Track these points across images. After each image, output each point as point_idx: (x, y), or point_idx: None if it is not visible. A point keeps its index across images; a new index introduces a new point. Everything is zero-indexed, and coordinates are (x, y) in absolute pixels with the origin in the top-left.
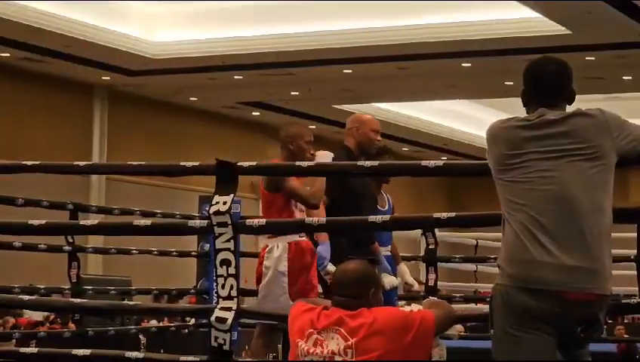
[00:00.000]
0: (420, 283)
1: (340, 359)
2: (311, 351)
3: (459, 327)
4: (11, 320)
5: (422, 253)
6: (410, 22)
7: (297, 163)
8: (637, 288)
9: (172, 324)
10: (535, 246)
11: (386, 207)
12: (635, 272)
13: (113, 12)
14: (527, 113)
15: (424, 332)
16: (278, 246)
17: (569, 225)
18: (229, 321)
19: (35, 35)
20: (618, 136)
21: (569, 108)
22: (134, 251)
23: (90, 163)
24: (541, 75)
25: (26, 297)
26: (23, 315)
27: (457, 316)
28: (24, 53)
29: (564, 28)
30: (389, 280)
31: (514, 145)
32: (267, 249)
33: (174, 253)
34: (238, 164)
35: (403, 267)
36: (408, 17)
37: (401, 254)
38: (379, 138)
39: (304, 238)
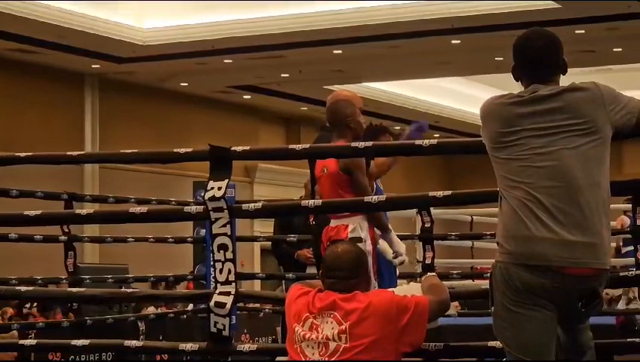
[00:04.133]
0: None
1: (334, 344)
2: (307, 336)
3: (455, 304)
4: (10, 311)
5: (418, 232)
6: (398, 0)
7: (291, 146)
8: None
9: (170, 311)
10: (534, 223)
11: (381, 187)
12: None
13: (101, 0)
14: (522, 88)
15: (418, 319)
16: (361, 227)
17: (567, 200)
18: (228, 306)
19: (23, 26)
20: (613, 109)
21: (564, 80)
22: (130, 239)
23: (83, 152)
24: (530, 50)
25: (23, 288)
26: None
27: (449, 304)
28: (13, 44)
29: (553, 2)
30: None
31: (508, 123)
32: (350, 228)
33: (170, 240)
34: (232, 148)
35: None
36: None
37: (397, 233)
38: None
39: None
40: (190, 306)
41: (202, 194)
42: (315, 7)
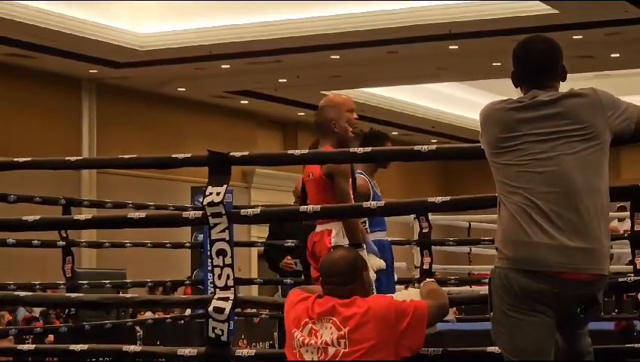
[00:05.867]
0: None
1: (334, 349)
2: (306, 341)
3: (453, 310)
4: (7, 316)
5: (416, 237)
6: (396, 6)
7: (290, 152)
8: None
9: (168, 316)
10: (533, 228)
11: (378, 192)
12: None
13: (98, 5)
14: (521, 94)
15: (417, 323)
16: (344, 232)
17: (566, 206)
18: (227, 311)
19: (20, 30)
20: (612, 115)
21: (562, 86)
22: (128, 244)
23: (82, 158)
24: (530, 56)
25: (22, 293)
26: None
27: (447, 309)
28: (10, 48)
29: (550, 7)
30: (375, 263)
31: (508, 128)
32: (333, 233)
33: (168, 245)
34: (230, 154)
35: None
36: (394, 1)
37: (395, 239)
38: (355, 116)
39: None
40: (188, 311)
41: (201, 199)
42: (312, 13)
